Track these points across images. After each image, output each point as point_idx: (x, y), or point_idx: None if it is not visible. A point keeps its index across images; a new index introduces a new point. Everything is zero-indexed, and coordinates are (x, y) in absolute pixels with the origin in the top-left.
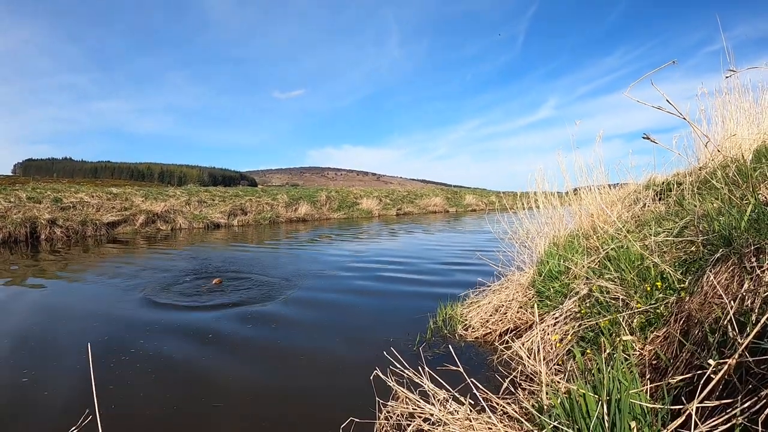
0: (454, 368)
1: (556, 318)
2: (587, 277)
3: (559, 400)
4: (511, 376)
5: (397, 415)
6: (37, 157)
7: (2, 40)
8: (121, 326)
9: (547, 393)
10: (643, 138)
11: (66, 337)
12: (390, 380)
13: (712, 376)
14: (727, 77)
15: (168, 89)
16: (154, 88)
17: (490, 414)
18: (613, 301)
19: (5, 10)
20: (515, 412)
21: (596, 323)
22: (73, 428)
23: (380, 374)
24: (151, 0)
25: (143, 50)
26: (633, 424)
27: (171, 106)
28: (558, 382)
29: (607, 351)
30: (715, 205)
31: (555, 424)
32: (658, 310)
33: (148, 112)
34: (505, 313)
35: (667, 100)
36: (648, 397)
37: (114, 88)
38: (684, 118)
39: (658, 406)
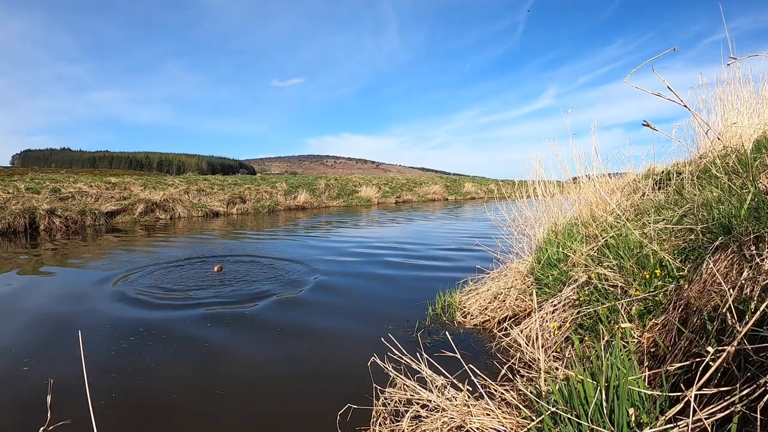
0: (453, 355)
1: (555, 305)
2: (586, 265)
3: (557, 387)
4: (510, 363)
5: (395, 402)
6: (35, 147)
7: None
8: (123, 315)
9: (545, 379)
10: (643, 125)
11: (63, 326)
12: (388, 367)
13: (710, 363)
14: (728, 65)
15: (166, 79)
16: (152, 78)
17: (488, 400)
18: (612, 289)
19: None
20: (513, 398)
21: (595, 311)
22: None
23: (378, 361)
24: None
25: (140, 40)
26: (631, 410)
27: (169, 96)
28: (556, 369)
29: (606, 338)
30: (714, 193)
31: (553, 410)
32: (656, 298)
33: (146, 101)
34: (504, 301)
35: (669, 87)
36: (646, 384)
37: (111, 78)
38: (684, 105)
39: (656, 393)
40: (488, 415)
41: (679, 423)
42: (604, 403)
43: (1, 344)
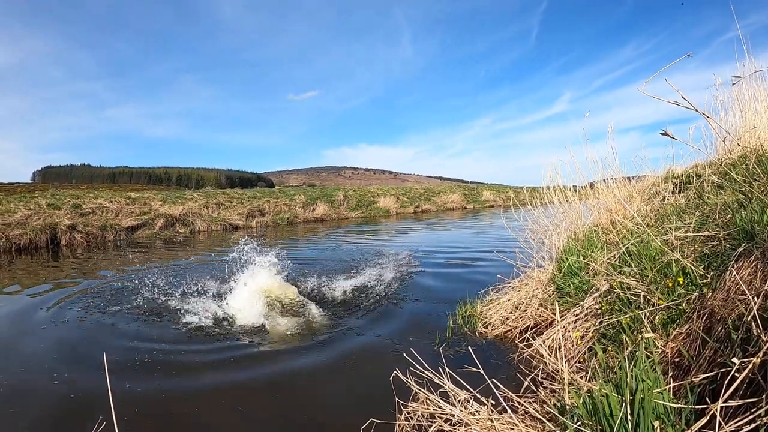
0: (475, 369)
1: (577, 315)
2: (607, 273)
3: (581, 400)
4: (532, 375)
5: (418, 416)
6: (55, 164)
7: (17, 52)
8: (158, 333)
9: (569, 392)
10: (662, 134)
11: (87, 344)
12: (410, 381)
13: (736, 375)
14: (733, 84)
15: (182, 93)
16: (168, 93)
17: (512, 414)
18: (635, 298)
19: (19, 20)
20: (537, 411)
21: (617, 320)
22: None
23: (400, 375)
24: (162, 5)
25: (155, 55)
26: (657, 423)
27: (186, 110)
28: (579, 380)
29: (629, 348)
30: (735, 197)
31: (577, 425)
32: (680, 307)
33: (163, 116)
34: (525, 310)
35: (683, 97)
36: (671, 396)
37: (128, 93)
38: (702, 113)
39: (681, 405)
40: (512, 429)
41: None
42: (630, 417)
43: (32, 357)
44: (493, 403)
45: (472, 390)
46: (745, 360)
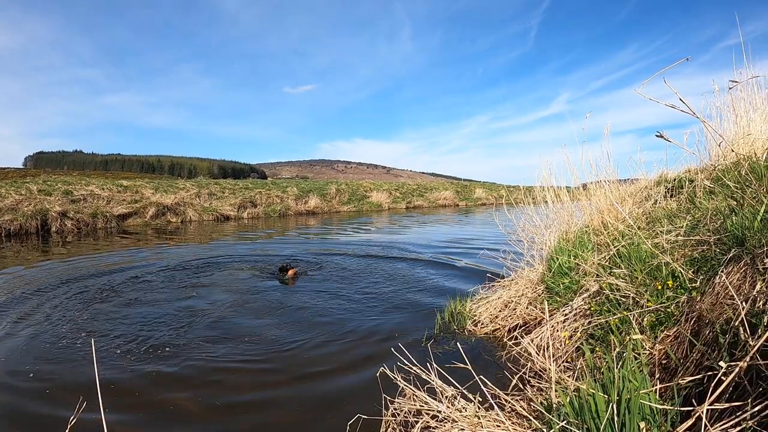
0: (462, 365)
1: (566, 314)
2: (597, 274)
3: (568, 399)
4: (520, 373)
5: (405, 412)
6: (47, 149)
7: (14, 36)
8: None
9: (556, 391)
10: (657, 136)
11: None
12: (397, 377)
13: (722, 378)
14: (730, 88)
15: (179, 83)
16: (165, 82)
17: (499, 411)
18: (624, 299)
19: (18, 3)
20: (523, 409)
21: (606, 321)
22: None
23: (387, 371)
24: None
25: (154, 43)
26: (642, 424)
27: (181, 100)
28: (567, 379)
29: (617, 349)
30: (727, 203)
31: (563, 424)
32: (668, 309)
33: (158, 105)
34: (515, 309)
35: (681, 99)
36: (657, 398)
37: (125, 81)
38: (698, 117)
39: (668, 407)
40: (498, 426)
41: None
42: (616, 418)
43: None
44: (480, 400)
45: (459, 387)
46: (732, 364)
